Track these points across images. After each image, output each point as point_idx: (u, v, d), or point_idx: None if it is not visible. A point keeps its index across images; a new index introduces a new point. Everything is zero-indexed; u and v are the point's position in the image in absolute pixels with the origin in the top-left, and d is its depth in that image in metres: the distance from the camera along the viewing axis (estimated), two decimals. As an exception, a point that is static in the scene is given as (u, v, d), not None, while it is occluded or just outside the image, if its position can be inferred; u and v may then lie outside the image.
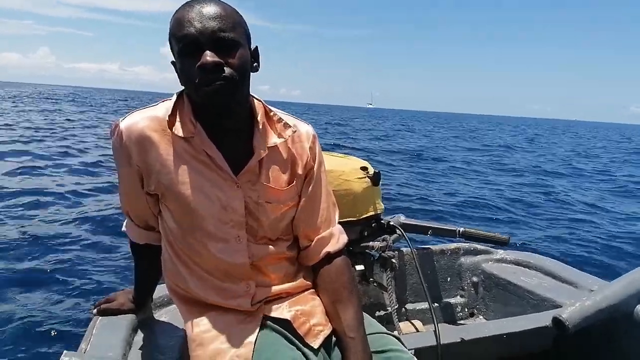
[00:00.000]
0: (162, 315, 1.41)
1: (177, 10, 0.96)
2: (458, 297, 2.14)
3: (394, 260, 1.83)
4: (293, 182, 1.11)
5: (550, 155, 19.76)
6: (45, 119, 20.54)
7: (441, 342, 1.36)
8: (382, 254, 1.82)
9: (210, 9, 0.93)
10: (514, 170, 13.45)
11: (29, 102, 37.86)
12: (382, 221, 1.86)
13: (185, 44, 0.92)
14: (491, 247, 2.15)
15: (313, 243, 1.15)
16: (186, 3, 0.96)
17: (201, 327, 1.05)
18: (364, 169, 1.78)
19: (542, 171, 13.65)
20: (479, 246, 2.16)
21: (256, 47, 1.04)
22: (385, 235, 1.87)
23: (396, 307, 1.80)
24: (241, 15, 0.99)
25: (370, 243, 1.83)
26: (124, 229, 1.22)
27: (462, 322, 2.09)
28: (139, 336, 1.27)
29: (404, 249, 2.00)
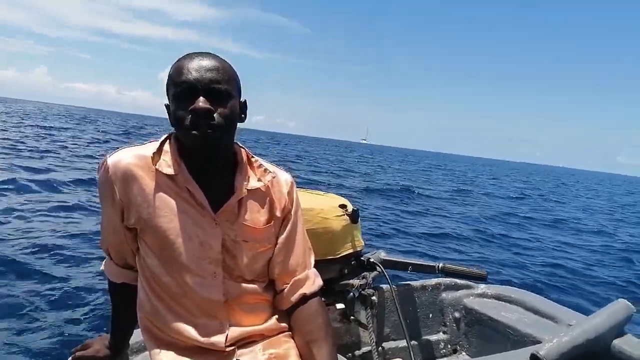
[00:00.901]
0: None
1: (178, 60, 1.04)
2: (440, 333, 2.14)
3: (373, 298, 1.83)
4: (271, 222, 1.15)
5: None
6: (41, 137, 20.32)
7: None
8: (362, 291, 1.83)
9: (209, 62, 1.02)
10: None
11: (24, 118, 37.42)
12: (362, 258, 1.87)
13: (183, 89, 1.00)
14: (472, 281, 2.17)
15: (289, 285, 1.17)
16: (188, 54, 1.04)
17: None
18: (342, 206, 1.80)
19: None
20: (460, 281, 2.17)
21: (245, 100, 1.12)
22: (365, 273, 1.87)
23: (376, 346, 1.79)
24: (235, 71, 1.08)
25: (350, 281, 1.83)
26: (102, 267, 1.23)
27: (444, 359, 2.08)
28: None
29: (384, 286, 2.00)
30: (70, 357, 1.28)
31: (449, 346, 2.12)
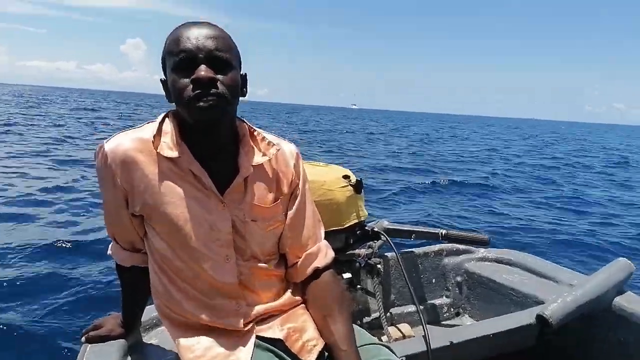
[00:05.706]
0: (151, 337, 1.40)
1: (174, 30, 0.98)
2: (443, 297, 2.18)
3: (379, 266, 1.85)
4: (278, 200, 1.11)
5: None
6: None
7: (431, 347, 1.38)
8: (368, 260, 1.84)
9: (208, 31, 0.97)
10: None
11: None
12: (366, 228, 1.87)
13: (182, 58, 0.95)
14: (475, 247, 2.19)
15: (301, 259, 1.16)
16: (184, 23, 0.99)
17: (195, 352, 1.04)
18: (345, 177, 1.79)
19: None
20: (461, 246, 2.20)
21: (245, 74, 1.06)
22: (371, 242, 1.88)
23: (384, 312, 1.82)
24: (235, 42, 1.03)
25: (356, 251, 1.84)
26: (109, 252, 1.20)
27: (448, 322, 2.13)
28: None
29: (389, 254, 2.02)
30: (83, 338, 1.27)
31: (452, 309, 2.16)
